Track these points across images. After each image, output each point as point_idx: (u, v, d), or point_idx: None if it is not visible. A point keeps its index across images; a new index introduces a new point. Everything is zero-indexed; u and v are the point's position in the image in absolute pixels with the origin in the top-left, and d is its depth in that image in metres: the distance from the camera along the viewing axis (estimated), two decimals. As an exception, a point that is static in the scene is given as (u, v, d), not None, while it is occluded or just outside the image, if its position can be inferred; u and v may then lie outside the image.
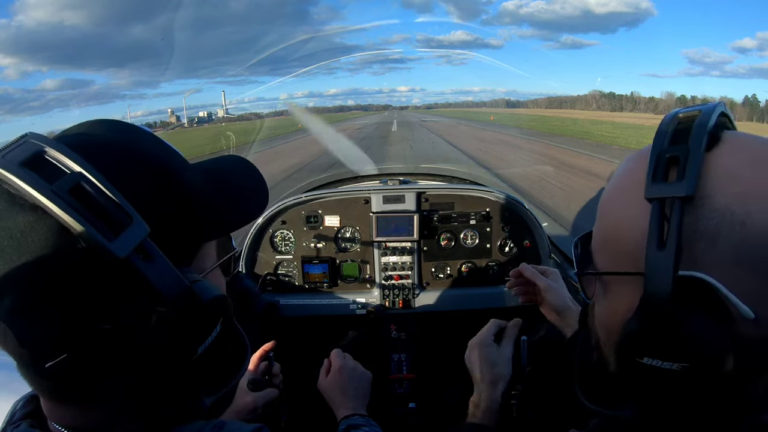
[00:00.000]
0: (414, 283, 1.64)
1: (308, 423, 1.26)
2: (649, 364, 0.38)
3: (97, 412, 0.43)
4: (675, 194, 0.36)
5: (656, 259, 0.36)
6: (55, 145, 0.37)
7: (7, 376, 0.41)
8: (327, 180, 1.99)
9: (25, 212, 0.36)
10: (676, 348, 0.37)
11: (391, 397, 1.60)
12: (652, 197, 0.37)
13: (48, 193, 0.35)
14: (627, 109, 54.48)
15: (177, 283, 0.39)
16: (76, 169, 0.37)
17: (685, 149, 0.37)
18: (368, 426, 0.94)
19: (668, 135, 0.40)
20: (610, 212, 0.44)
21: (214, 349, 0.43)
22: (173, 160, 0.46)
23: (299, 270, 1.64)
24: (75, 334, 0.37)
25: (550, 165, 9.82)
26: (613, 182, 0.45)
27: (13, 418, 0.47)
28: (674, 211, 0.36)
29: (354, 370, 1.10)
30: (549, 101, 63.31)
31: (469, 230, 1.65)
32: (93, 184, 0.36)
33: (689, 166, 0.37)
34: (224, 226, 0.50)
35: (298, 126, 29.88)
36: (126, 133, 0.44)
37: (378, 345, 1.64)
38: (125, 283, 0.37)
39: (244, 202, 0.52)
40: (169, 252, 0.40)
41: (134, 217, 0.37)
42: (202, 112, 79.67)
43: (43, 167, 0.36)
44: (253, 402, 0.96)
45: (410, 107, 70.57)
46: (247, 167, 0.55)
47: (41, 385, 0.41)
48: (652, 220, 0.37)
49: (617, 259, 0.43)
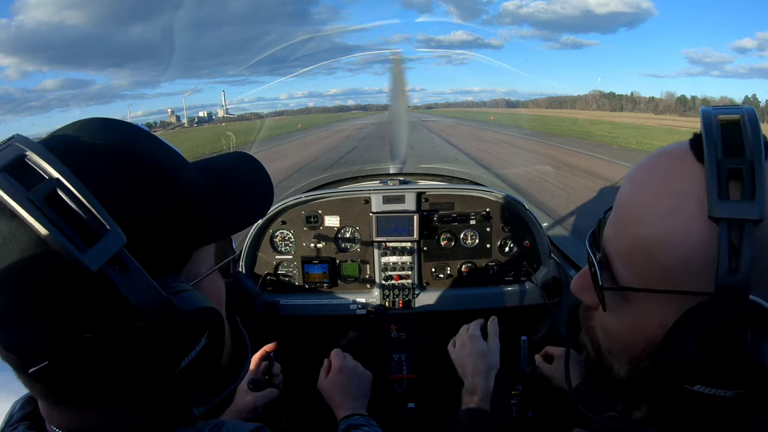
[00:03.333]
0: (414, 283, 1.64)
1: (308, 423, 1.26)
2: (700, 392, 0.36)
3: (91, 416, 0.43)
4: (747, 216, 0.33)
5: (728, 283, 0.33)
6: (37, 149, 0.36)
7: (7, 376, 0.41)
8: (327, 180, 1.99)
9: (8, 218, 0.35)
10: (737, 375, 0.35)
11: (391, 397, 1.60)
12: (720, 217, 0.34)
13: (23, 200, 0.34)
14: (627, 109, 54.48)
15: (154, 295, 0.37)
16: (54, 175, 0.35)
17: (748, 164, 0.34)
18: (368, 426, 0.94)
19: (718, 144, 0.36)
20: (649, 221, 0.39)
21: (200, 361, 0.41)
22: (169, 159, 0.44)
23: (299, 270, 1.64)
24: (56, 342, 0.36)
25: (550, 165, 9.82)
26: (651, 186, 0.40)
27: (12, 419, 0.46)
28: (746, 235, 0.33)
29: (354, 370, 1.10)
30: (549, 101, 63.30)
31: (469, 230, 1.65)
32: (69, 191, 0.35)
33: (759, 184, 0.34)
34: (225, 228, 0.48)
35: (298, 126, 29.74)
36: (117, 133, 0.42)
37: (378, 345, 1.64)
38: (100, 295, 0.36)
39: (247, 203, 0.50)
40: (155, 260, 0.39)
41: (111, 226, 0.35)
42: (202, 112, 79.63)
43: (23, 172, 0.35)
44: (253, 402, 0.96)
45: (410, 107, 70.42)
46: (252, 165, 0.53)
47: (33, 387, 0.41)
48: (722, 242, 0.34)
49: (648, 272, 0.39)
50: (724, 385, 0.35)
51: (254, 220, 0.52)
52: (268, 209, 0.53)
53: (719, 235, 0.34)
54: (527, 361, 1.25)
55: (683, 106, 50.46)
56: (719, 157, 0.35)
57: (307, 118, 50.15)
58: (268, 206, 0.53)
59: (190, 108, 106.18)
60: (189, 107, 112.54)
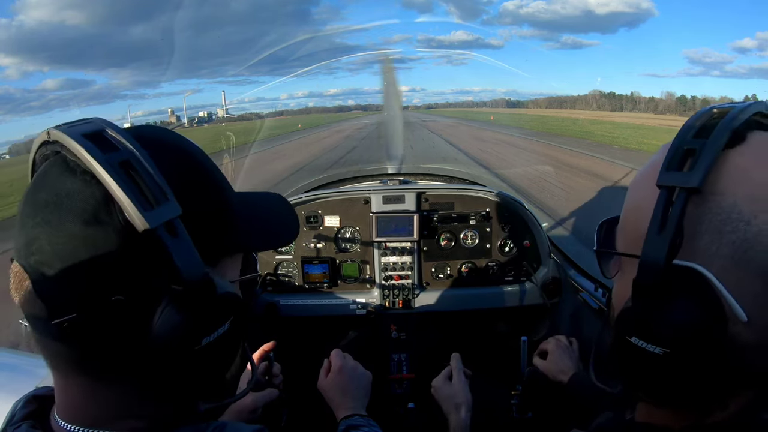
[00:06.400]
0: (414, 283, 1.64)
1: (308, 423, 1.26)
2: (635, 344, 0.39)
3: (105, 400, 0.43)
4: (683, 184, 0.37)
5: (653, 243, 0.37)
6: (116, 128, 0.42)
7: (7, 376, 0.41)
8: (327, 180, 1.99)
9: (75, 177, 0.40)
10: (659, 333, 0.37)
11: (391, 397, 1.60)
12: (662, 184, 0.38)
13: (101, 160, 0.39)
14: (627, 109, 54.47)
15: (198, 267, 0.40)
16: (129, 148, 0.41)
17: (702, 143, 0.38)
18: (368, 426, 0.94)
19: (694, 129, 0.40)
20: (631, 195, 0.45)
21: (218, 346, 0.43)
22: (217, 171, 0.50)
23: (299, 270, 1.64)
24: (89, 297, 0.39)
25: (550, 165, 9.82)
26: (642, 168, 0.45)
27: (14, 418, 0.46)
28: (677, 200, 0.37)
29: (354, 370, 1.10)
30: (549, 101, 63.33)
31: (469, 230, 1.65)
32: (140, 163, 0.40)
33: (702, 159, 0.37)
34: (255, 243, 0.55)
35: (298, 126, 29.74)
36: (174, 137, 0.49)
37: (378, 345, 1.64)
38: (149, 256, 0.39)
39: (274, 227, 0.57)
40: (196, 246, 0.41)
41: (170, 197, 0.40)
42: (202, 112, 79.77)
43: (101, 141, 0.41)
44: (253, 402, 0.96)
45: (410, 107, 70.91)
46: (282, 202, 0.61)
47: (51, 351, 0.42)
48: (657, 206, 0.38)
49: (632, 240, 0.43)
50: (650, 340, 0.38)
51: (282, 244, 0.56)
52: (294, 237, 0.60)
53: (657, 200, 0.38)
54: (527, 362, 1.26)
55: (683, 106, 50.45)
56: (686, 139, 0.39)
57: (307, 118, 50.19)
58: (295, 234, 0.60)
59: (190, 108, 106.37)
60: (189, 107, 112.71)
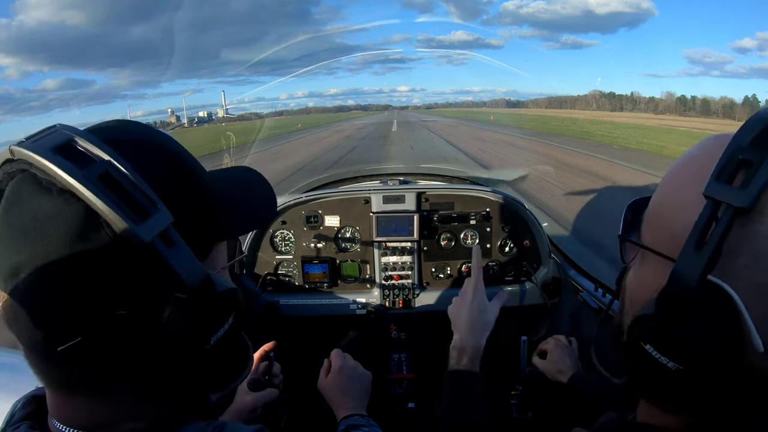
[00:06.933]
0: (414, 283, 1.64)
1: (308, 423, 1.26)
2: (649, 352, 0.38)
3: (104, 407, 0.43)
4: (732, 201, 0.34)
5: (689, 258, 0.35)
6: (84, 135, 0.39)
7: (7, 376, 0.41)
8: (327, 180, 1.99)
9: (52, 196, 0.37)
10: (676, 348, 0.36)
11: (391, 397, 1.60)
12: (710, 195, 0.35)
13: (80, 177, 0.36)
14: (627, 109, 54.47)
15: (197, 270, 0.40)
16: (105, 157, 0.38)
17: (761, 157, 0.34)
18: (368, 426, 0.94)
19: (754, 133, 0.36)
20: (669, 186, 0.42)
21: (224, 341, 0.43)
22: (193, 159, 0.48)
23: (299, 270, 1.64)
24: (91, 318, 0.38)
25: (550, 165, 9.81)
26: (687, 156, 0.42)
27: (13, 419, 0.46)
28: (722, 219, 0.34)
29: (354, 370, 1.10)
30: (549, 101, 63.34)
31: (469, 230, 1.65)
32: (121, 172, 0.38)
33: (758, 176, 0.34)
34: (238, 227, 0.54)
35: (298, 126, 29.72)
36: (147, 132, 0.46)
37: (378, 345, 1.64)
38: (147, 269, 0.38)
39: (255, 207, 0.55)
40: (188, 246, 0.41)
41: (159, 205, 0.38)
42: (202, 112, 79.75)
43: (73, 154, 0.37)
44: (253, 402, 0.96)
45: (410, 107, 70.76)
46: (252, 174, 0.57)
47: (52, 374, 0.42)
48: (701, 218, 0.35)
49: (659, 234, 0.41)
50: (665, 353, 0.36)
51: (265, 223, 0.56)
52: (273, 214, 0.59)
53: (702, 211, 0.35)
54: (527, 362, 1.26)
55: (683, 106, 50.44)
56: (743, 145, 0.35)
57: (307, 118, 50.18)
58: (273, 210, 0.58)
59: (190, 108, 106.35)
60: (189, 107, 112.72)
